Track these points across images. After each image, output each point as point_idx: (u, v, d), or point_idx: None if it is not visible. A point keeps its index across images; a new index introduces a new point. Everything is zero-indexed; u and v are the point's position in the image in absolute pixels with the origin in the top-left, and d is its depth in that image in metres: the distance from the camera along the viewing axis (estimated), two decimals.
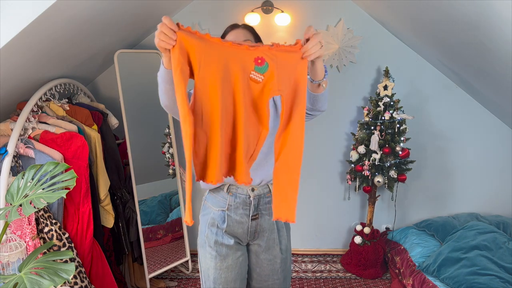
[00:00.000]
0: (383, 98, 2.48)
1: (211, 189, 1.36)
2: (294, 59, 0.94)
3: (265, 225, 1.35)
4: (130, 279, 2.42)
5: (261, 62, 0.91)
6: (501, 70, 1.91)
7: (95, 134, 1.97)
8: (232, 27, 1.31)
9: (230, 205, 1.31)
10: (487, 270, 2.01)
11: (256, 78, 0.92)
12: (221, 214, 1.32)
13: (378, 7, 2.44)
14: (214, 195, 1.35)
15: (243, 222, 1.31)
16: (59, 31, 1.58)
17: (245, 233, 1.33)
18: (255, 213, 1.32)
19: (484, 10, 1.49)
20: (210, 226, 1.33)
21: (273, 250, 1.36)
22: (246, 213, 1.31)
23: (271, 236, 1.36)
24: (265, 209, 1.34)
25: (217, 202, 1.33)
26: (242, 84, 0.92)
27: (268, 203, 1.33)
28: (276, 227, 1.37)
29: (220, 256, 1.30)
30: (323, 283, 2.60)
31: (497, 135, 2.75)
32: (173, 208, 2.65)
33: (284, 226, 1.40)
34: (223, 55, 0.90)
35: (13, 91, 1.76)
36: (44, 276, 1.23)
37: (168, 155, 2.63)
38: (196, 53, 0.88)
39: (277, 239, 1.36)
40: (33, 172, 1.36)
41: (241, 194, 1.30)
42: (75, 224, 1.79)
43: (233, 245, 1.32)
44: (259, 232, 1.35)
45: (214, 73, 0.90)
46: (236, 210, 1.31)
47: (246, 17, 2.52)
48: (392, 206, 2.79)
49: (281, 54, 0.92)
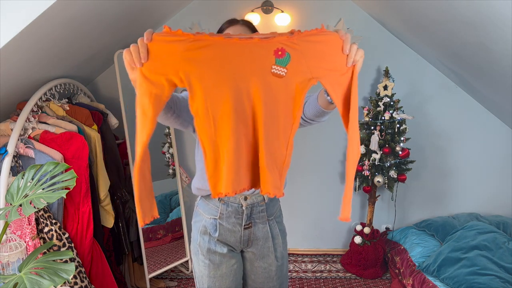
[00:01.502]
0: (383, 98, 2.48)
1: (203, 195, 1.30)
2: (327, 41, 0.83)
3: (258, 234, 1.29)
4: (130, 279, 2.42)
5: (282, 54, 0.80)
6: (501, 70, 1.91)
7: (95, 134, 1.97)
8: (229, 23, 1.22)
9: (222, 213, 1.25)
10: (487, 270, 2.01)
11: (278, 73, 0.81)
12: (213, 222, 1.26)
13: (378, 7, 2.44)
14: (206, 202, 1.29)
15: (235, 231, 1.26)
16: (59, 31, 1.58)
17: (238, 242, 1.28)
18: (247, 222, 1.27)
19: (484, 10, 1.49)
20: (202, 234, 1.28)
21: (268, 258, 1.32)
22: (239, 222, 1.26)
23: (265, 244, 1.31)
24: (259, 218, 1.28)
25: (209, 209, 1.28)
26: (260, 82, 0.81)
27: (262, 211, 1.28)
28: (271, 235, 1.31)
29: (213, 265, 1.26)
30: (323, 283, 2.60)
31: (497, 135, 2.75)
32: (173, 208, 2.65)
33: (280, 233, 1.34)
34: (229, 54, 0.79)
35: (13, 91, 1.76)
36: (44, 276, 1.23)
37: (168, 155, 2.63)
38: (184, 63, 0.77)
39: (272, 247, 1.31)
40: (33, 172, 1.36)
41: (233, 202, 1.25)
42: (75, 224, 1.78)
43: (226, 253, 1.27)
44: (252, 240, 1.30)
45: (218, 78, 0.79)
46: (228, 219, 1.25)
47: (246, 17, 2.52)
48: (392, 206, 2.79)
49: (305, 41, 0.82)
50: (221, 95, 0.80)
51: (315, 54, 0.83)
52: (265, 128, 0.83)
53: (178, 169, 2.60)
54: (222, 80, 0.79)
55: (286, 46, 0.81)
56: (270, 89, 0.82)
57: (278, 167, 0.87)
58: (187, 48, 0.77)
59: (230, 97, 0.80)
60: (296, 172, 2.82)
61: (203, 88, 0.79)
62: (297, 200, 2.90)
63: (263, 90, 0.81)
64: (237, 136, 0.83)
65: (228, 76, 0.79)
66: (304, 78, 0.83)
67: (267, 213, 1.30)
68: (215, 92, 0.80)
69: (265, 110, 0.82)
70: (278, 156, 0.86)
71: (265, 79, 0.81)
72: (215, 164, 0.84)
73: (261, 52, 0.80)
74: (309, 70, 0.82)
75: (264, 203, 1.28)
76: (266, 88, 0.81)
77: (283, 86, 0.82)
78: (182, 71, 0.77)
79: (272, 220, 1.32)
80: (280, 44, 0.80)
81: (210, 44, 0.78)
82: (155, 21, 2.56)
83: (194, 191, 1.31)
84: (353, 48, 0.85)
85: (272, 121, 0.84)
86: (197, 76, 0.78)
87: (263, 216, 1.28)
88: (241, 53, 0.79)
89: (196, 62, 0.78)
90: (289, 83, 0.82)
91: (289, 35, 0.81)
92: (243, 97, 0.81)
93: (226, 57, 0.79)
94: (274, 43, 0.80)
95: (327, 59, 0.84)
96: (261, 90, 0.81)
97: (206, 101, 0.80)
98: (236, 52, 0.79)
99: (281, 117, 0.84)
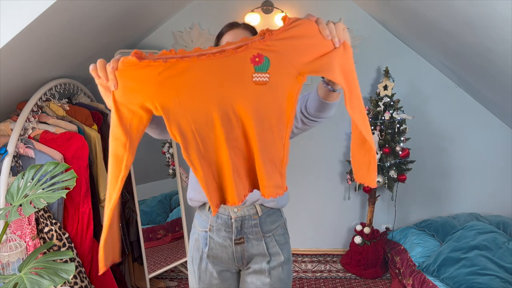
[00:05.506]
0: (383, 98, 2.48)
1: (195, 205, 1.23)
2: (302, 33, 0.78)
3: (253, 251, 1.18)
4: (130, 279, 2.42)
5: (260, 60, 0.75)
6: (501, 70, 1.91)
7: (95, 134, 1.97)
8: (230, 27, 1.15)
9: (212, 226, 1.17)
10: (487, 270, 2.01)
11: (261, 80, 0.76)
12: (204, 235, 1.19)
13: (378, 7, 2.44)
14: (200, 213, 1.22)
15: (226, 246, 1.17)
16: (59, 31, 1.58)
17: (230, 259, 1.18)
18: (238, 236, 1.16)
19: (484, 10, 1.49)
20: (196, 249, 1.21)
21: (262, 276, 1.19)
22: (229, 236, 1.16)
23: (262, 263, 1.18)
24: (252, 233, 1.17)
25: (201, 221, 1.20)
26: (244, 95, 0.76)
27: (254, 226, 1.16)
28: (268, 254, 1.18)
29: (204, 284, 1.20)
30: (323, 283, 2.60)
31: (497, 135, 2.75)
32: (173, 208, 2.65)
33: (281, 253, 1.19)
34: (205, 74, 0.74)
35: (13, 91, 1.75)
36: (44, 276, 1.23)
37: (168, 155, 2.63)
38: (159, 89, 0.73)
39: (266, 268, 1.18)
40: (33, 172, 1.36)
41: (222, 214, 1.16)
42: (75, 224, 1.78)
43: (217, 276, 1.18)
44: (247, 258, 1.19)
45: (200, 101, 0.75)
46: (218, 232, 1.17)
47: (246, 17, 2.52)
48: (392, 206, 2.78)
49: (279, 39, 0.76)
50: (206, 118, 0.76)
51: (295, 51, 0.77)
52: (259, 138, 0.79)
53: (178, 169, 2.60)
54: (203, 103, 0.75)
55: (262, 50, 0.75)
56: (256, 99, 0.77)
57: (278, 167, 0.84)
58: (159, 73, 0.73)
59: (216, 118, 0.76)
60: (296, 172, 2.82)
61: (184, 114, 0.75)
62: (297, 200, 2.90)
63: (248, 102, 0.77)
64: (230, 152, 0.80)
65: (209, 97, 0.75)
66: (291, 77, 0.78)
67: (262, 229, 1.18)
68: (199, 116, 0.76)
69: (255, 122, 0.78)
70: (276, 160, 0.84)
71: (248, 90, 0.76)
72: (207, 182, 0.82)
73: (238, 64, 0.75)
74: (293, 68, 0.77)
75: (257, 217, 1.17)
76: (251, 99, 0.77)
77: (270, 92, 0.77)
78: (157, 98, 0.73)
79: (269, 237, 1.19)
80: (255, 50, 0.75)
81: (184, 67, 0.73)
82: (155, 21, 2.56)
83: (188, 201, 1.25)
84: (332, 27, 0.78)
85: (265, 131, 0.80)
86: (175, 102, 0.74)
87: (256, 232, 1.17)
88: (218, 70, 0.75)
89: (172, 88, 0.74)
90: (275, 87, 0.77)
91: (261, 39, 0.76)
92: (229, 115, 0.77)
93: (203, 78, 0.74)
94: (249, 50, 0.75)
95: (309, 51, 0.78)
96: (247, 103, 0.77)
97: (191, 125, 0.76)
98: (212, 70, 0.74)
99: (274, 123, 0.80)
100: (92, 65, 0.75)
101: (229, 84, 0.76)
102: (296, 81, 0.78)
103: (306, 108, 1.02)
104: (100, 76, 0.74)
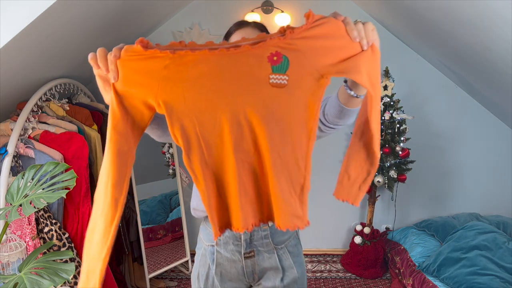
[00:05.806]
0: (383, 98, 2.48)
1: (198, 216, 1.14)
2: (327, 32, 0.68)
3: (265, 265, 1.08)
4: (130, 279, 2.42)
5: (278, 59, 0.66)
6: (501, 70, 1.91)
7: (95, 134, 1.97)
8: (238, 26, 1.06)
9: (219, 239, 1.07)
10: (487, 270, 2.00)
11: (279, 82, 0.66)
12: (211, 250, 1.10)
13: (378, 7, 2.44)
14: (205, 226, 1.14)
15: (235, 261, 1.07)
16: (59, 31, 1.58)
17: (240, 274, 1.09)
18: (248, 250, 1.07)
19: (484, 10, 1.49)
20: (202, 265, 1.12)
21: None
22: (238, 249, 1.07)
23: (276, 281, 1.09)
24: (262, 245, 1.08)
25: (207, 234, 1.12)
26: (258, 99, 0.67)
27: (265, 237, 1.07)
28: (281, 267, 1.09)
29: None
30: (323, 283, 2.60)
31: (497, 135, 2.75)
32: (173, 208, 2.65)
33: (295, 267, 1.11)
34: (217, 70, 0.66)
35: (13, 91, 1.75)
36: (44, 276, 1.23)
37: (168, 155, 2.63)
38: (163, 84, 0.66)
39: (279, 283, 1.10)
40: (33, 172, 1.36)
41: None
42: (75, 224, 1.79)
43: None
44: (258, 273, 1.09)
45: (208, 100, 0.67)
46: (226, 246, 1.07)
47: (246, 17, 2.52)
48: (392, 206, 2.78)
49: (301, 38, 0.67)
50: (214, 121, 0.67)
51: (318, 52, 0.68)
52: (273, 150, 0.68)
53: (178, 169, 2.60)
54: (212, 104, 0.67)
55: (281, 48, 0.67)
56: (272, 104, 0.67)
57: (297, 191, 0.73)
58: (165, 66, 0.65)
59: (225, 122, 0.67)
60: None
61: (189, 114, 0.67)
62: None
63: (262, 107, 0.67)
64: (237, 166, 0.70)
65: (218, 97, 0.66)
66: (312, 80, 0.68)
67: (273, 240, 1.08)
68: (206, 118, 0.67)
69: (268, 131, 0.68)
70: (295, 181, 0.72)
71: (264, 93, 0.67)
72: (209, 198, 0.72)
73: (254, 62, 0.66)
74: (315, 70, 0.67)
75: (267, 227, 1.07)
76: (266, 104, 0.67)
77: (288, 97, 0.67)
78: (161, 94, 0.66)
79: (282, 249, 1.10)
80: (274, 47, 0.67)
81: (193, 61, 0.66)
82: (155, 21, 2.57)
83: (192, 211, 1.16)
84: (360, 28, 0.69)
85: (282, 141, 0.69)
86: (180, 100, 0.66)
87: (267, 244, 1.08)
88: (231, 67, 0.66)
89: (178, 84, 0.66)
90: (294, 92, 0.67)
91: (281, 36, 0.68)
92: (240, 121, 0.67)
93: (214, 75, 0.66)
94: (266, 48, 0.66)
95: (334, 53, 0.68)
96: (261, 107, 0.67)
97: (195, 128, 0.67)
98: (225, 67, 0.66)
99: (294, 132, 0.69)
100: (91, 54, 0.68)
101: (242, 84, 0.66)
102: (319, 85, 0.69)
103: (324, 114, 0.94)
104: (99, 66, 0.67)
